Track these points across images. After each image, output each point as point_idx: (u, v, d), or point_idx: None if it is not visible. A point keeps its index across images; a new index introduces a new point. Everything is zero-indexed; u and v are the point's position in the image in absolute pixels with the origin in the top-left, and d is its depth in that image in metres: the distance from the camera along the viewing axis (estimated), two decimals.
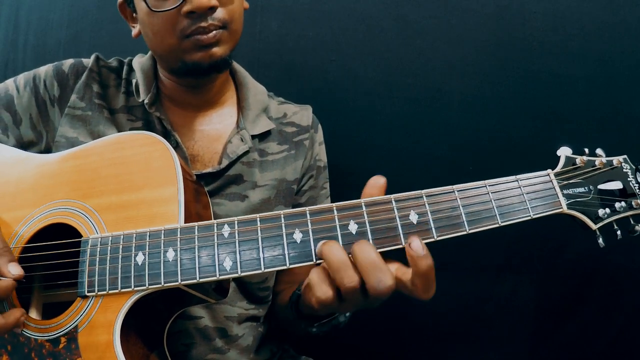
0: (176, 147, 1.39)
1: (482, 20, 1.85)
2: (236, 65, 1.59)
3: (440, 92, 1.87)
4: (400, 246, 0.97)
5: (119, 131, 1.40)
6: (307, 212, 1.00)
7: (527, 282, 1.82)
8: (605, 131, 1.76)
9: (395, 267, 0.99)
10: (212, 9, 1.25)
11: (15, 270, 1.06)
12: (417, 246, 0.92)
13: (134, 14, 1.40)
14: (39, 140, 1.44)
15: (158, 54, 1.40)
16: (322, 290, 0.96)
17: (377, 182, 1.03)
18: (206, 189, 1.34)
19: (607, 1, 1.78)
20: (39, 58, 2.19)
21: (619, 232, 1.02)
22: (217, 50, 1.30)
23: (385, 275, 0.92)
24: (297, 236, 0.99)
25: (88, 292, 1.06)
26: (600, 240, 1.02)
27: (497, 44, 1.84)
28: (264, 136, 1.51)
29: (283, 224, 1.00)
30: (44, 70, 1.47)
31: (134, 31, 1.43)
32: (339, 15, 1.94)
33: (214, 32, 1.27)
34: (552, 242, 1.79)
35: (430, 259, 0.93)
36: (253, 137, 1.48)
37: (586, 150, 1.07)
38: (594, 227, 1.02)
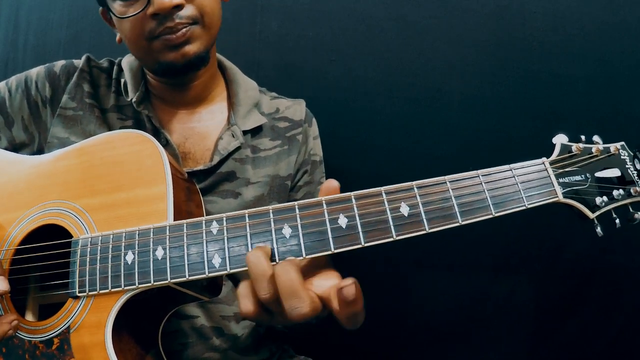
0: (166, 144, 1.39)
1: (482, 20, 1.85)
2: (226, 62, 1.60)
3: (440, 92, 1.86)
4: (392, 239, 0.95)
5: (110, 130, 1.40)
6: (296, 206, 0.99)
7: (526, 282, 1.81)
8: (605, 131, 1.73)
9: (328, 284, 0.97)
10: (178, 7, 1.25)
11: (0, 285, 1.05)
12: (349, 292, 0.89)
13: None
14: (31, 141, 1.45)
15: (137, 57, 1.42)
16: (243, 303, 0.95)
17: (329, 186, 1.01)
18: (198, 186, 1.33)
19: (607, 1, 1.78)
20: (39, 58, 2.20)
21: (617, 221, 1.00)
22: (190, 49, 1.30)
23: (302, 303, 0.90)
24: (286, 231, 0.98)
25: (79, 292, 1.06)
26: (599, 230, 0.99)
27: (497, 44, 1.84)
28: (256, 132, 1.51)
29: (272, 219, 0.99)
30: (36, 71, 1.47)
31: (117, 37, 1.43)
32: (339, 15, 1.94)
33: (183, 30, 1.27)
34: (551, 242, 1.79)
35: (360, 304, 0.91)
36: (245, 133, 1.48)
37: (582, 137, 1.05)
38: (591, 215, 0.99)
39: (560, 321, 1.80)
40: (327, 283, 0.99)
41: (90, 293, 1.05)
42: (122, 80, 1.47)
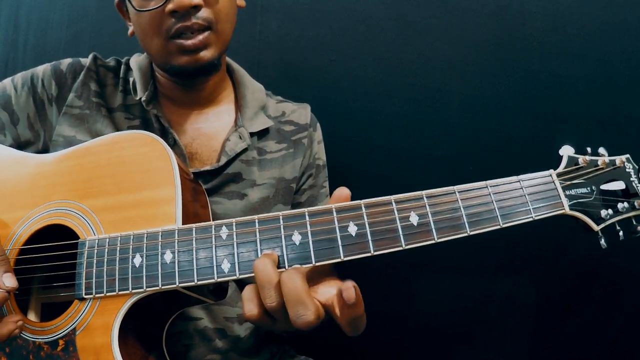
0: (174, 144, 1.40)
1: (482, 20, 1.85)
2: (234, 64, 1.60)
3: (440, 92, 1.87)
4: (400, 248, 0.95)
5: (116, 129, 1.41)
6: (306, 213, 0.99)
7: (528, 283, 1.82)
8: (605, 131, 1.75)
9: (332, 292, 0.99)
10: (196, 7, 1.27)
11: (9, 281, 1.05)
12: (349, 295, 0.90)
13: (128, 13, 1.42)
14: (36, 139, 1.44)
15: (149, 53, 1.42)
16: (248, 307, 0.96)
17: (341, 194, 1.02)
18: (205, 187, 1.34)
19: (607, 1, 1.78)
20: (39, 58, 2.19)
21: (621, 233, 1.01)
22: (204, 55, 1.32)
23: (307, 311, 0.91)
24: (296, 238, 0.98)
25: (86, 294, 1.06)
26: (603, 242, 1.00)
27: (497, 44, 1.84)
28: (262, 134, 1.52)
29: (282, 226, 0.99)
30: (42, 69, 1.47)
31: (130, 30, 1.45)
32: (339, 15, 1.94)
33: (200, 36, 1.29)
34: (553, 243, 1.79)
35: (360, 308, 0.93)
36: (252, 135, 1.48)
37: (589, 149, 1.05)
38: (596, 228, 1.00)
39: (562, 322, 1.81)
40: (332, 291, 1.00)
41: (97, 295, 1.05)
42: (131, 79, 1.47)
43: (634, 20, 1.77)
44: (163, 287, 1.01)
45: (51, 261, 1.18)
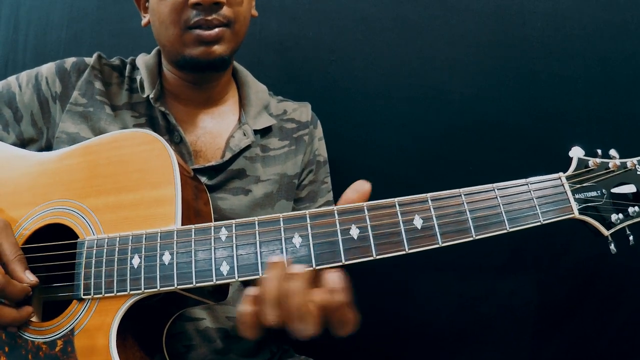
0: (180, 141, 1.42)
1: (482, 20, 1.85)
2: (237, 65, 1.63)
3: (440, 92, 1.86)
4: (404, 252, 0.94)
5: (122, 127, 1.41)
6: (307, 215, 0.98)
7: (529, 282, 1.81)
8: (605, 131, 1.75)
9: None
10: (218, 4, 1.30)
11: (31, 277, 1.08)
12: (333, 280, 0.91)
13: (147, 3, 1.44)
14: (39, 137, 1.45)
15: (162, 44, 1.43)
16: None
17: (361, 188, 1.01)
18: (209, 182, 1.36)
19: (607, 1, 1.77)
20: (39, 58, 2.18)
21: (631, 238, 0.99)
22: (217, 49, 1.34)
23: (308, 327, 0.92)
24: (297, 240, 0.97)
25: (84, 294, 1.06)
26: (612, 247, 0.98)
27: (497, 44, 1.84)
28: (265, 132, 1.54)
29: (282, 228, 0.99)
30: (46, 68, 1.49)
31: (144, 20, 1.49)
32: (339, 15, 1.94)
33: (217, 29, 1.32)
34: (555, 242, 1.78)
35: (345, 296, 0.93)
36: (255, 132, 1.50)
37: (599, 151, 1.03)
38: (606, 233, 0.98)
39: (562, 321, 1.80)
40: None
41: (96, 296, 1.05)
42: (138, 78, 1.48)
43: (634, 20, 1.76)
44: (161, 289, 1.01)
45: (51, 260, 1.18)
